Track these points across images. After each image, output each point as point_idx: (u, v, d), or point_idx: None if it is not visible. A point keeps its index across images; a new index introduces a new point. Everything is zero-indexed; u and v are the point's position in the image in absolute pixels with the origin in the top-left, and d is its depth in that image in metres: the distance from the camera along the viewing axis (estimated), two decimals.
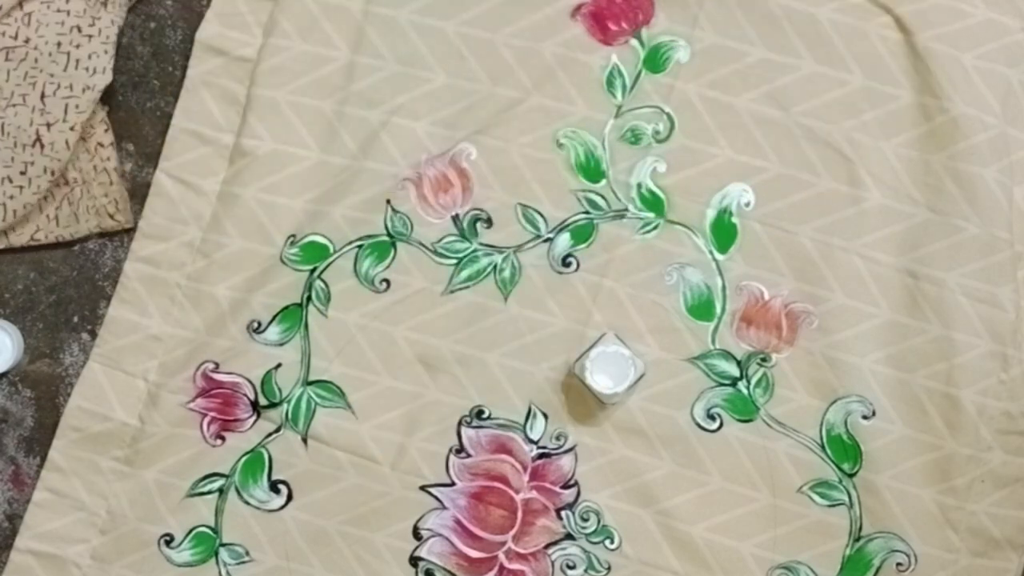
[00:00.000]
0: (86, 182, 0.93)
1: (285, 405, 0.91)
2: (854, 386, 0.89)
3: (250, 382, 0.92)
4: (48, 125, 0.90)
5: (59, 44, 0.90)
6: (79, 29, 0.89)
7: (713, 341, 0.91)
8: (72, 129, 0.90)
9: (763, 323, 0.90)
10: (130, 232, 0.94)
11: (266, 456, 0.91)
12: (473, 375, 0.91)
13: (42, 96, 0.90)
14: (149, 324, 0.93)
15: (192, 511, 0.91)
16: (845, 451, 0.89)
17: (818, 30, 0.91)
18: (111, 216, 0.93)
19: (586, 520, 0.90)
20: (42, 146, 0.90)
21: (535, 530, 0.90)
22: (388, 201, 0.92)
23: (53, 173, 0.91)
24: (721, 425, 0.90)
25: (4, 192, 0.91)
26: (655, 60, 0.92)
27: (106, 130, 0.94)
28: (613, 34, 0.93)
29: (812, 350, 0.90)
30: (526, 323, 0.91)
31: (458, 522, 0.90)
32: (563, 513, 0.90)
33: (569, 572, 0.90)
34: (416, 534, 0.90)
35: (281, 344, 0.92)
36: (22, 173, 0.91)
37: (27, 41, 0.90)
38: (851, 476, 0.89)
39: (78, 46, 0.90)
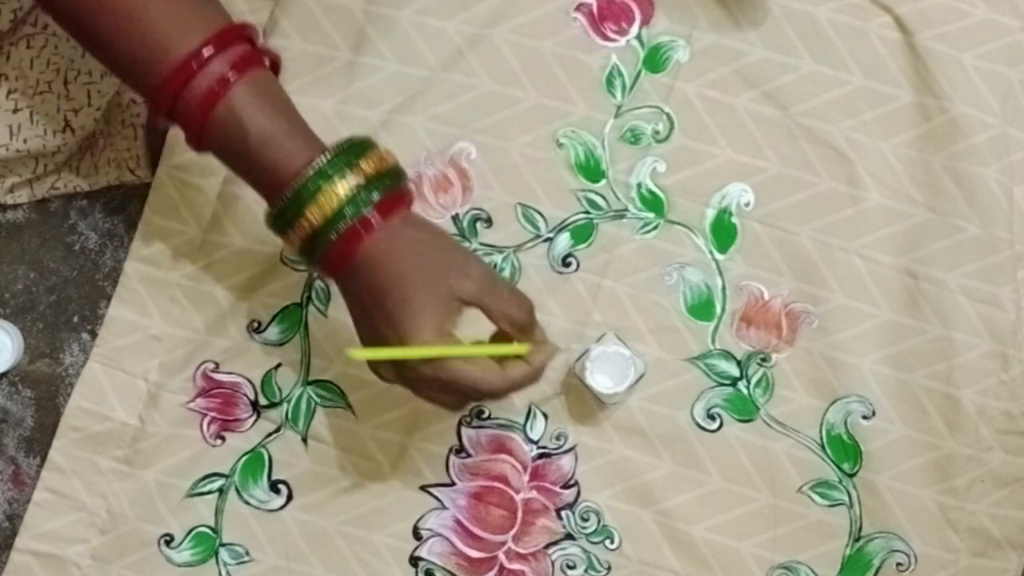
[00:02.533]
0: (111, 135, 0.93)
1: (285, 405, 0.91)
2: (854, 386, 0.89)
3: (250, 382, 0.92)
4: (75, 111, 0.90)
5: None
6: None
7: (713, 341, 0.90)
8: (99, 110, 0.90)
9: (763, 323, 0.90)
10: (130, 232, 0.94)
11: (266, 456, 0.91)
12: None
13: (65, 82, 0.90)
14: (149, 324, 0.92)
15: (192, 511, 0.91)
16: (845, 451, 0.89)
17: (817, 30, 0.91)
18: (131, 171, 0.93)
19: (586, 520, 0.90)
20: (72, 131, 0.90)
21: (535, 530, 0.90)
22: None
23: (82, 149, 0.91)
24: (721, 425, 0.90)
25: (35, 171, 0.92)
26: (655, 60, 0.92)
27: None
28: (613, 33, 0.93)
29: (812, 350, 0.90)
30: None
31: (458, 522, 0.90)
32: (563, 513, 0.90)
33: (569, 572, 0.90)
34: (416, 534, 0.90)
35: (281, 344, 0.92)
36: (54, 154, 0.91)
37: (46, 27, 0.90)
38: (851, 476, 0.89)
39: None
